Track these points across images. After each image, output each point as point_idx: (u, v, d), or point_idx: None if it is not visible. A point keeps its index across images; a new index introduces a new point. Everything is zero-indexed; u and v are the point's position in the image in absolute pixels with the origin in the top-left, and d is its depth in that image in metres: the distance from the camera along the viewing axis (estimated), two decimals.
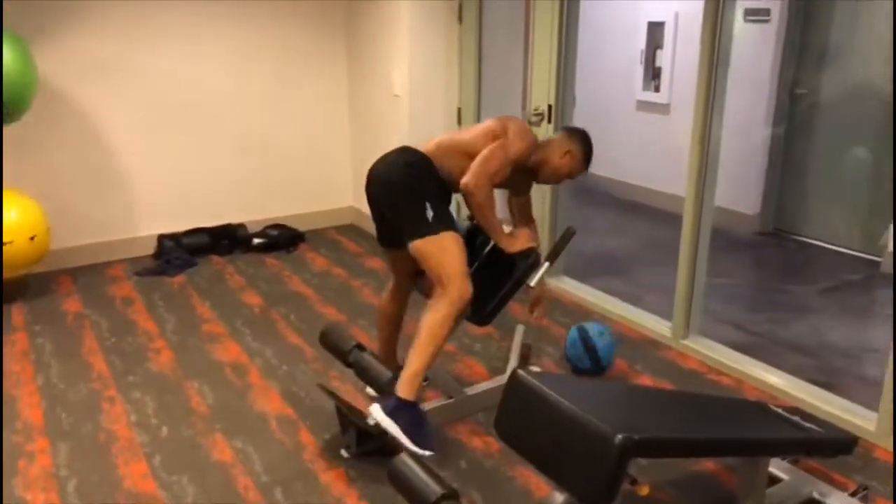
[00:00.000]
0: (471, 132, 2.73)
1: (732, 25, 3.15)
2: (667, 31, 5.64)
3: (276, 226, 4.96)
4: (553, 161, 2.76)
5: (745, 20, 5.15)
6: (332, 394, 2.65)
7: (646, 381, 3.16)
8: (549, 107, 3.92)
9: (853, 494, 2.27)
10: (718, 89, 3.17)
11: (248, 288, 4.19)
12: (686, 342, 3.43)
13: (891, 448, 2.65)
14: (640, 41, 5.85)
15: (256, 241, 4.79)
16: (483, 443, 2.70)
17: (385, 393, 2.50)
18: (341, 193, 5.37)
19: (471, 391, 2.87)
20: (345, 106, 5.20)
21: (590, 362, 3.13)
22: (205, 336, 3.57)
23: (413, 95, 4.51)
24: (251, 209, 4.98)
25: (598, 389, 2.00)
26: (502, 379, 2.97)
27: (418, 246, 2.54)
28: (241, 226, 4.88)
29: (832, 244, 4.97)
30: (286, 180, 5.10)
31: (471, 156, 2.60)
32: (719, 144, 3.25)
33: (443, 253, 2.51)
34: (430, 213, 2.52)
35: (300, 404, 2.94)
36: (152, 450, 2.65)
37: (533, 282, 2.65)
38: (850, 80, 4.83)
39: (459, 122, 4.64)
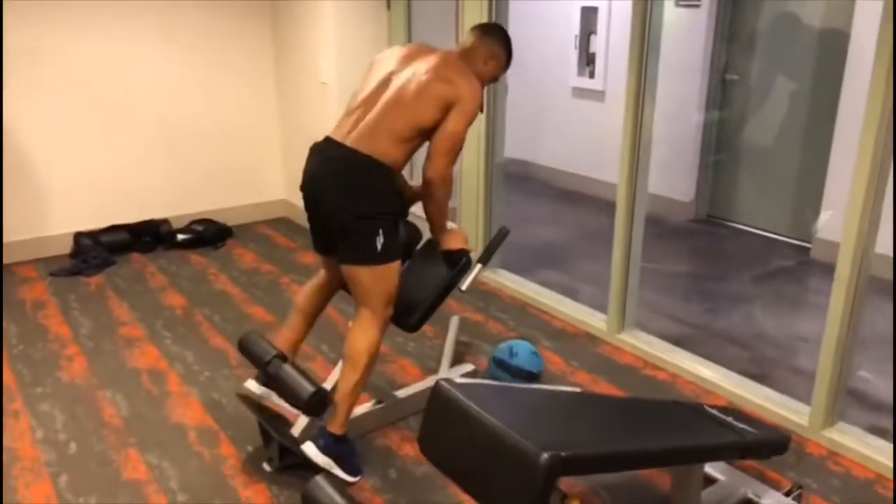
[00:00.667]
0: (408, 98, 2.30)
1: (663, 10, 3.09)
2: (600, 16, 5.59)
3: (203, 220, 4.75)
4: (478, 73, 2.45)
5: (677, 5, 5.13)
6: (254, 406, 2.50)
7: (582, 378, 3.11)
8: None
9: (787, 494, 2.25)
10: (649, 75, 3.11)
11: (169, 288, 3.98)
12: (622, 336, 3.39)
13: (823, 443, 2.65)
14: (574, 26, 5.79)
15: (181, 237, 4.57)
16: (414, 449, 2.58)
17: (317, 427, 2.39)
18: (272, 185, 5.17)
19: (401, 394, 2.76)
20: (272, 94, 4.99)
21: (523, 379, 2.95)
22: (121, 340, 3.37)
23: (342, 83, 4.34)
24: (175, 204, 4.75)
25: (526, 399, 1.91)
26: (433, 379, 2.87)
27: (356, 272, 2.35)
28: (165, 221, 4.64)
29: (764, 230, 5.02)
30: (212, 172, 4.87)
31: (421, 131, 2.31)
32: (651, 131, 3.20)
33: (380, 282, 2.36)
34: (379, 243, 2.29)
35: (222, 413, 2.79)
36: (58, 469, 2.46)
37: (465, 286, 2.54)
38: (779, 65, 4.86)
39: None
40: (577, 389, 2.88)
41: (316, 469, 2.28)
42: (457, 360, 3.16)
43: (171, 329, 3.49)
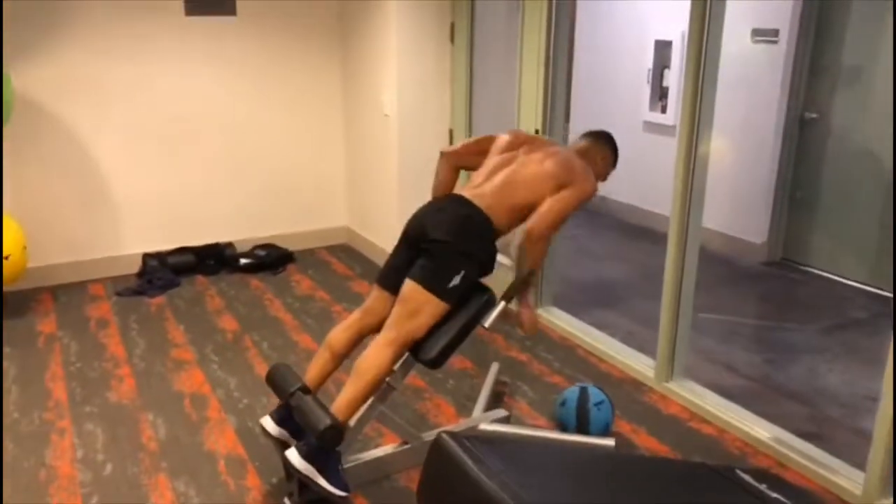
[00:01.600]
0: (528, 176, 2.57)
1: (720, 42, 2.97)
2: (674, 50, 5.45)
3: (266, 245, 4.87)
4: (594, 167, 2.75)
5: (753, 41, 4.95)
6: (272, 438, 2.53)
7: (622, 427, 2.99)
8: (537, 131, 3.77)
9: None
10: (705, 109, 3.00)
11: (225, 311, 4.09)
12: (669, 385, 3.25)
13: None
14: (648, 60, 5.67)
15: (243, 261, 4.70)
16: None
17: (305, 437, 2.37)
18: (335, 212, 5.26)
19: (427, 437, 2.71)
20: (339, 124, 5.09)
21: (576, 428, 2.88)
22: (171, 363, 3.47)
23: (403, 116, 4.39)
24: (240, 228, 4.90)
25: (536, 459, 1.84)
26: (465, 424, 2.83)
27: (414, 291, 2.43)
28: (229, 245, 4.80)
29: (842, 277, 4.74)
30: (277, 199, 5.01)
31: (531, 208, 2.53)
32: (706, 167, 3.08)
33: (425, 311, 2.42)
34: (455, 281, 2.42)
35: (253, 443, 2.82)
36: (91, 490, 2.54)
37: (487, 323, 2.49)
38: (863, 104, 4.61)
39: (451, 143, 4.51)
40: (611, 442, 2.76)
41: None
42: (495, 401, 3.10)
43: (220, 353, 3.58)
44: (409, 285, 2.45)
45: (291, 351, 3.61)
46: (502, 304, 2.52)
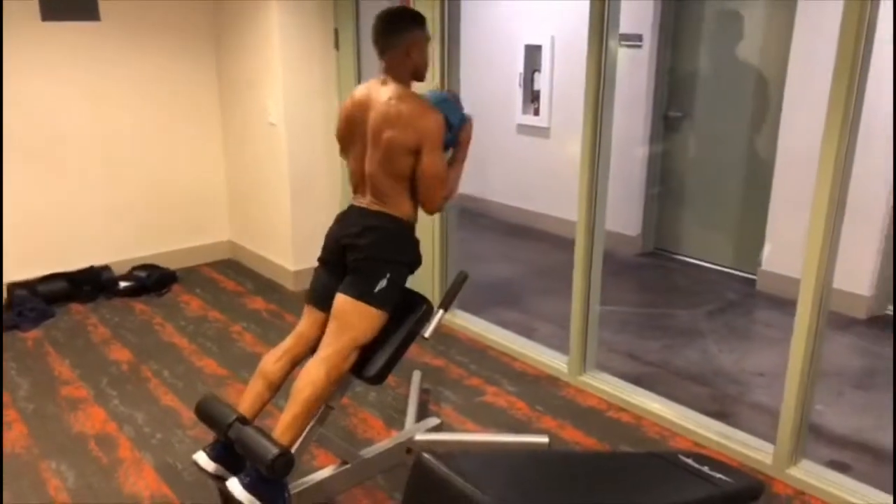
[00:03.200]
0: (383, 155, 2.37)
1: (617, 49, 3.13)
2: (544, 54, 5.66)
3: (146, 266, 4.57)
4: (416, 74, 2.47)
5: (620, 45, 5.23)
6: (211, 475, 2.38)
7: (548, 423, 3.08)
8: None
9: None
10: (605, 114, 3.15)
11: (113, 341, 3.80)
12: (584, 378, 3.38)
13: (789, 482, 2.67)
14: (519, 64, 5.85)
15: (123, 284, 4.38)
16: None
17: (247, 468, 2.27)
18: (217, 226, 5.02)
19: (367, 453, 2.67)
20: (218, 134, 4.86)
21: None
22: (64, 402, 3.18)
23: (290, 124, 4.27)
24: (116, 249, 4.56)
25: (508, 471, 1.86)
26: (401, 436, 2.81)
27: (344, 303, 2.39)
28: (106, 268, 4.45)
29: (710, 262, 5.13)
30: (155, 215, 4.71)
31: (408, 177, 2.40)
32: (608, 169, 3.23)
33: (359, 323, 2.38)
34: (382, 284, 2.39)
35: (178, 480, 2.65)
36: None
37: (427, 333, 2.49)
38: (721, 103, 5.00)
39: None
40: (544, 439, 2.84)
41: None
42: (421, 410, 3.09)
43: (118, 387, 3.32)
44: (339, 300, 2.41)
45: (197, 378, 3.41)
46: (441, 312, 2.51)
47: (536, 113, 5.87)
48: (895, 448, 2.76)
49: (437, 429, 2.90)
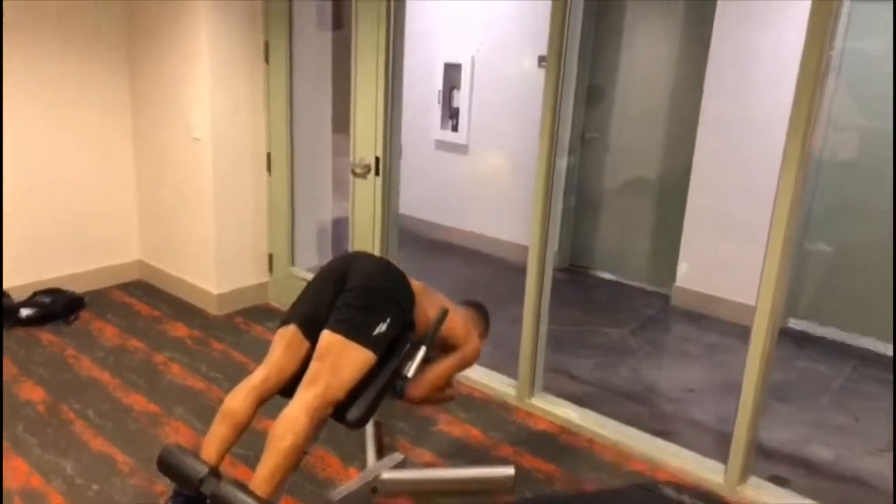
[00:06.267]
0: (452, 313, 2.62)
1: (574, 69, 3.20)
2: (464, 73, 5.68)
3: (49, 290, 4.19)
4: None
5: (540, 66, 5.34)
6: None
7: (505, 451, 3.07)
8: (377, 159, 3.72)
9: None
10: (561, 134, 3.20)
11: (22, 378, 3.46)
12: (533, 401, 3.40)
13: (742, 500, 2.79)
14: (438, 82, 5.84)
15: (25, 312, 4.00)
16: None
17: None
18: (125, 245, 4.69)
19: (334, 496, 2.56)
20: (129, 147, 4.54)
21: None
22: None
23: (216, 139, 4.05)
24: (14, 272, 4.16)
25: None
26: (366, 475, 2.71)
27: (334, 341, 2.24)
28: (5, 294, 4.04)
29: (624, 279, 5.32)
30: (57, 234, 4.34)
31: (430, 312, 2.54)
32: (561, 191, 3.28)
33: (347, 365, 2.23)
34: (381, 328, 2.29)
35: None
36: None
37: (410, 371, 2.41)
38: (636, 125, 5.19)
39: (269, 168, 4.26)
40: (510, 470, 2.82)
41: None
42: (378, 445, 3.00)
43: (37, 433, 3.01)
44: (328, 337, 2.25)
45: (127, 417, 3.16)
46: (423, 349, 2.44)
47: (455, 129, 5.88)
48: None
49: (401, 465, 2.82)
